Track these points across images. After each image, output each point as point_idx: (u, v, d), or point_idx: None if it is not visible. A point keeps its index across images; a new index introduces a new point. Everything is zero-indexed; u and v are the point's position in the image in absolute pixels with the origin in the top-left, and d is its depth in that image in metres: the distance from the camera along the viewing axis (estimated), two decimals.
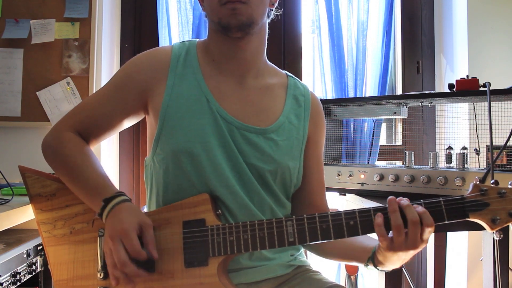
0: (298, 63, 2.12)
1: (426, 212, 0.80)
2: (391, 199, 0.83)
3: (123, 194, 0.90)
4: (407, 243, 0.80)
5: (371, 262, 0.91)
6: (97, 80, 1.83)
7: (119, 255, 0.81)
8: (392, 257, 0.84)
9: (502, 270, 1.32)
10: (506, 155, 1.39)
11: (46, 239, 0.99)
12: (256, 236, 0.87)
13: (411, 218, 0.80)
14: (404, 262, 0.87)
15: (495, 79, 1.46)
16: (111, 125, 1.02)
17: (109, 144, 1.97)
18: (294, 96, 1.08)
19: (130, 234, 0.82)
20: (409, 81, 2.13)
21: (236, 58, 1.00)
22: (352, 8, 2.06)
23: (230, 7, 0.91)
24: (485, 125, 1.46)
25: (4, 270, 1.23)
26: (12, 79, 1.80)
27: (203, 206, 0.92)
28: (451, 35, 2.00)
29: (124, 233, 0.82)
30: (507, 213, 0.80)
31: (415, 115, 1.83)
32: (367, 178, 1.52)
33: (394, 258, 0.85)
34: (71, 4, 1.81)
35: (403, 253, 0.82)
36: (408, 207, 0.81)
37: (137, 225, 0.84)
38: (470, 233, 1.81)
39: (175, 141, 0.95)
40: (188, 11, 2.03)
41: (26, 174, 1.01)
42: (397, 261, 0.86)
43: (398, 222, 0.80)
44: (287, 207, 1.06)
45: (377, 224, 0.82)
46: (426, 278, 2.09)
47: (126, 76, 1.01)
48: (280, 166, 1.00)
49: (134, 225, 0.84)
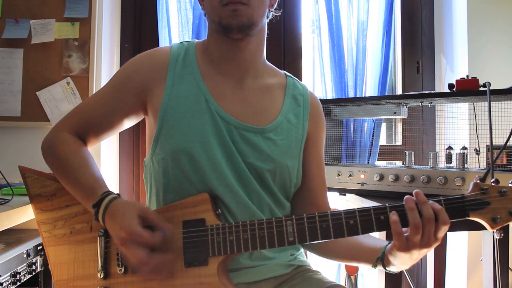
0: (298, 63, 2.12)
1: (443, 209, 0.80)
2: (408, 197, 0.82)
3: (109, 193, 0.89)
4: (422, 241, 0.80)
5: (380, 262, 0.91)
6: (97, 80, 1.83)
7: (139, 257, 0.81)
8: (405, 256, 0.83)
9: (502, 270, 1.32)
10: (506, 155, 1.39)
11: (46, 239, 0.99)
12: (256, 235, 0.87)
13: (427, 215, 0.80)
14: (415, 261, 0.86)
15: (495, 79, 1.47)
16: (111, 125, 1.02)
17: (109, 145, 1.97)
18: (293, 96, 1.08)
19: (136, 230, 0.82)
20: (409, 81, 2.13)
21: (236, 59, 1.00)
22: (352, 8, 2.06)
23: (231, 8, 0.91)
24: (485, 125, 1.46)
25: (4, 270, 1.23)
26: (12, 79, 1.80)
27: (203, 206, 0.92)
28: (451, 35, 2.00)
29: (130, 233, 0.82)
30: (507, 212, 0.80)
31: (415, 115, 1.84)
32: (367, 178, 1.52)
33: (407, 257, 0.84)
34: (71, 4, 1.81)
35: (417, 251, 0.81)
36: (425, 204, 0.81)
37: (136, 218, 0.84)
38: (470, 233, 1.81)
39: (175, 141, 0.95)
40: (188, 11, 2.03)
41: (26, 174, 1.01)
42: (409, 261, 0.85)
43: (416, 220, 0.80)
44: (286, 207, 1.06)
45: (394, 221, 0.81)
46: (426, 278, 2.09)
47: (125, 76, 1.02)
48: (279, 166, 1.00)
49: (134, 219, 0.83)
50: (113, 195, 0.89)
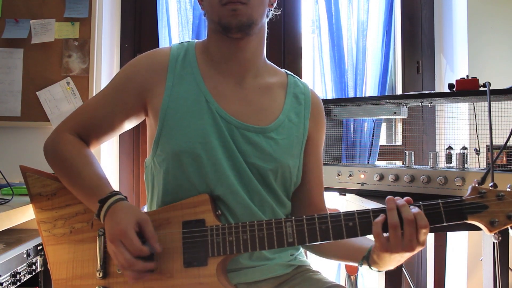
0: (298, 63, 2.12)
1: (421, 213, 0.80)
2: (389, 198, 0.83)
3: (117, 193, 0.90)
4: (403, 244, 0.80)
5: (365, 261, 0.91)
6: (97, 80, 1.83)
7: (123, 257, 0.82)
8: (386, 257, 0.84)
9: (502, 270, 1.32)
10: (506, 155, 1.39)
11: (46, 238, 0.99)
12: (255, 236, 0.87)
13: (406, 217, 0.80)
14: (398, 263, 0.87)
15: (495, 79, 1.46)
16: (111, 126, 1.02)
17: (109, 145, 1.97)
18: (294, 95, 1.08)
19: (129, 234, 0.82)
20: (409, 81, 2.13)
21: (236, 58, 1.00)
22: (352, 8, 2.06)
23: (230, 8, 0.91)
24: (485, 125, 1.46)
25: (4, 270, 1.23)
26: (12, 79, 1.80)
27: (203, 207, 0.92)
28: (451, 35, 2.00)
29: (123, 234, 0.82)
30: (505, 215, 0.80)
31: (415, 115, 1.83)
32: (367, 178, 1.52)
33: (389, 259, 0.85)
34: (71, 4, 1.81)
35: (398, 254, 0.82)
36: (403, 206, 0.81)
37: (134, 224, 0.84)
38: (470, 233, 1.81)
39: (176, 142, 0.95)
40: (188, 11, 2.03)
41: (27, 174, 1.01)
42: (392, 262, 0.86)
43: (394, 220, 0.80)
44: (287, 206, 1.06)
45: (375, 222, 0.82)
46: (426, 278, 2.09)
47: (125, 77, 1.02)
48: (281, 165, 1.00)
49: (131, 224, 0.84)
50: (121, 196, 0.90)
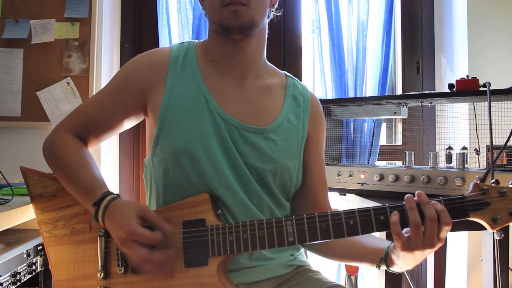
0: (298, 63, 2.12)
1: (445, 210, 0.80)
2: (408, 196, 0.82)
3: (109, 193, 0.90)
4: (424, 241, 0.80)
5: (383, 262, 0.91)
6: (97, 80, 1.83)
7: (139, 254, 0.82)
8: (407, 256, 0.83)
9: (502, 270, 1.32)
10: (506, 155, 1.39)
11: (47, 239, 0.99)
12: (255, 236, 0.87)
13: (430, 215, 0.79)
14: (419, 262, 0.86)
15: (495, 79, 1.47)
16: (111, 126, 1.02)
17: (109, 145, 1.97)
18: (293, 96, 1.08)
19: (136, 230, 0.82)
20: (409, 81, 2.13)
21: (236, 59, 1.00)
22: (352, 8, 2.06)
23: (231, 9, 0.91)
24: (485, 125, 1.46)
25: (4, 270, 1.23)
26: (12, 79, 1.80)
27: (203, 206, 0.92)
28: (451, 35, 2.00)
29: (130, 233, 0.82)
30: (507, 212, 0.80)
31: (415, 115, 1.84)
32: (367, 178, 1.52)
33: (410, 258, 0.84)
34: (71, 4, 1.81)
35: (420, 252, 0.81)
36: (427, 204, 0.80)
37: (135, 218, 0.84)
38: (470, 233, 1.81)
39: (175, 141, 0.95)
40: (188, 11, 2.03)
41: (28, 175, 1.01)
42: (413, 261, 0.85)
43: (416, 219, 0.80)
44: (286, 208, 1.06)
45: (393, 222, 0.81)
46: (426, 278, 2.09)
47: (125, 77, 1.02)
48: (279, 166, 1.00)
49: (133, 220, 0.83)
50: (112, 195, 0.90)
